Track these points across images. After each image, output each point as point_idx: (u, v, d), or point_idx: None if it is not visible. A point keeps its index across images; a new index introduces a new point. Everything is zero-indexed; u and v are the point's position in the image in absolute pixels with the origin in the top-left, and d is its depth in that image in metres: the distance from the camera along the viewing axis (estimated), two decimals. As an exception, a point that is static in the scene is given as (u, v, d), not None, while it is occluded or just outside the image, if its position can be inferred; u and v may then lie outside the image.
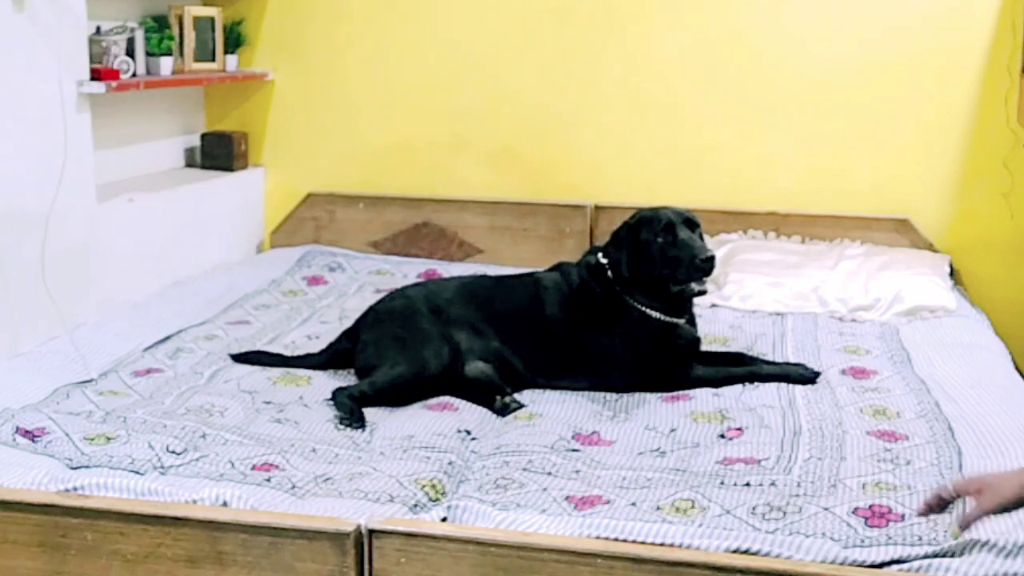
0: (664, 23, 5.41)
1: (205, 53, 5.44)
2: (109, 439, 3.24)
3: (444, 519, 2.79)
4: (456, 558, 2.60)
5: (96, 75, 4.53)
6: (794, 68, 5.33)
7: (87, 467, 3.06)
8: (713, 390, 3.81)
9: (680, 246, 3.84)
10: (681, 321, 3.94)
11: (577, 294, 3.99)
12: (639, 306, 3.89)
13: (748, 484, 2.98)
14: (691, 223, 3.93)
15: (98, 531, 2.72)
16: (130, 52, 4.89)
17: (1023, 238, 5.21)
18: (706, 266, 3.82)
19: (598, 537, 2.64)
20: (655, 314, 3.88)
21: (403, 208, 5.72)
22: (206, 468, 3.08)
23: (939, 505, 2.45)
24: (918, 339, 4.35)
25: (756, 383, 3.84)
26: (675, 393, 3.79)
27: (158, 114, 5.54)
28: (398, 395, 3.70)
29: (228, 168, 5.69)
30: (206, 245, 5.41)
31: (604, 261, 3.97)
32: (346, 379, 3.91)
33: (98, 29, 4.77)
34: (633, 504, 2.85)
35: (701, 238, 3.94)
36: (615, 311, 3.92)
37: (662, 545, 2.59)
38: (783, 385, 3.81)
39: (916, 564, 2.52)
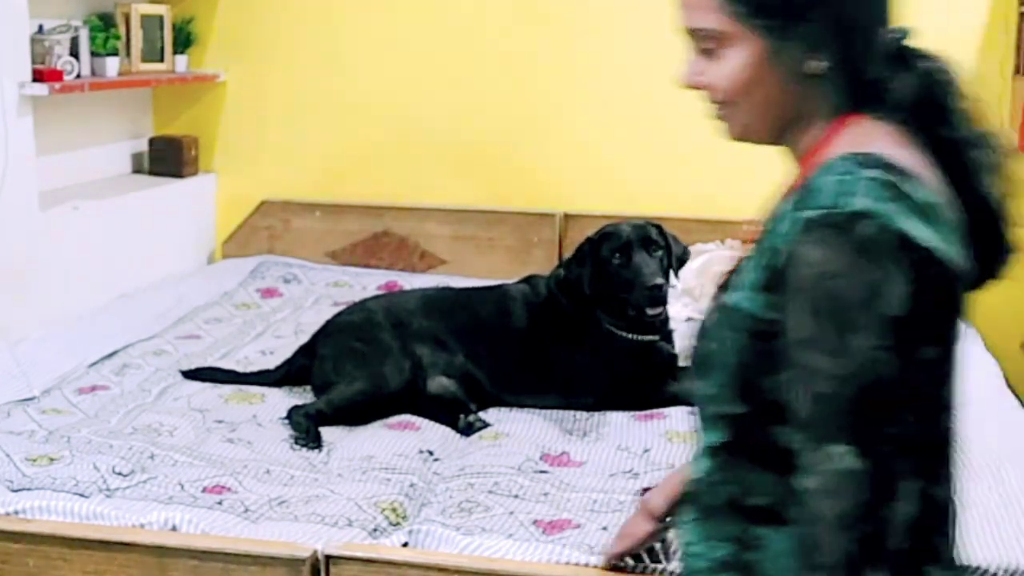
0: (637, 25, 5.39)
1: (153, 53, 5.42)
2: (52, 460, 3.24)
3: (405, 544, 2.80)
4: (418, 585, 2.61)
5: (38, 76, 4.51)
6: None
7: (29, 489, 3.05)
8: (689, 408, 3.80)
9: (632, 269, 3.85)
10: (656, 338, 3.95)
11: (546, 308, 4.00)
12: (607, 325, 3.91)
13: (724, 506, 2.99)
14: (649, 242, 3.91)
15: (40, 557, 2.72)
16: (74, 52, 4.87)
17: (1017, 247, 5.17)
18: (651, 294, 3.82)
19: (567, 563, 2.66)
20: (624, 333, 3.90)
21: (362, 216, 5.70)
22: (154, 490, 3.08)
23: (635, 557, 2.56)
24: (904, 355, 4.35)
25: (734, 400, 3.84)
26: (649, 412, 3.80)
27: (104, 117, 5.53)
28: (357, 413, 3.70)
29: (177, 174, 5.66)
30: (154, 255, 5.39)
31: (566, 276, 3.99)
32: (302, 396, 3.91)
33: (40, 28, 4.76)
34: (605, 528, 2.86)
35: (668, 255, 3.95)
36: (585, 327, 3.93)
37: (634, 572, 2.60)
38: (762, 403, 3.81)
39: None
